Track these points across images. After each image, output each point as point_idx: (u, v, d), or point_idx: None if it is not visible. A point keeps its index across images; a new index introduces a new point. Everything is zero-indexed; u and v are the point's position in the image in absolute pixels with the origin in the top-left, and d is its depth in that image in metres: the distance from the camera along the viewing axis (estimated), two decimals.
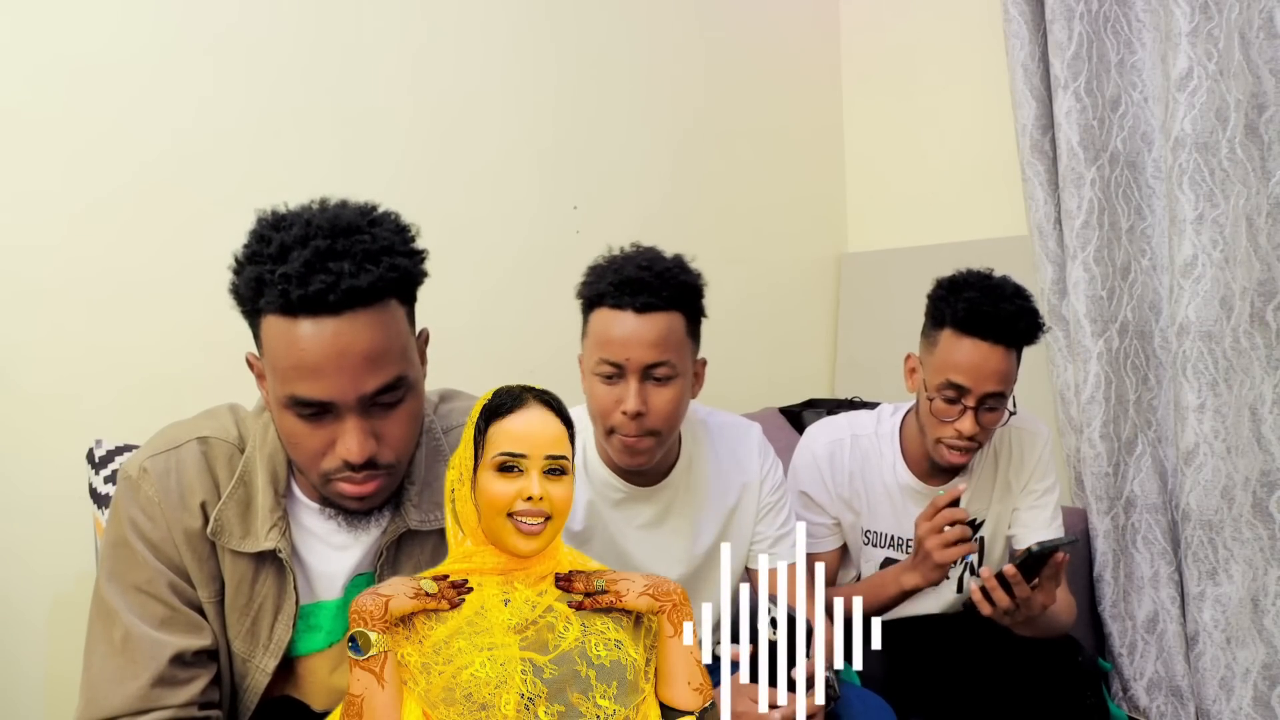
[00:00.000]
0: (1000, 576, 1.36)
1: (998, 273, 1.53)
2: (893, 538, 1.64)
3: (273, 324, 0.93)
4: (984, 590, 1.37)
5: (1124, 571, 2.11)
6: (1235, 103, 1.85)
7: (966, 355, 1.45)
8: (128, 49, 1.65)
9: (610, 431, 1.29)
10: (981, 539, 1.65)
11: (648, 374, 1.25)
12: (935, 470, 1.61)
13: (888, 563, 1.65)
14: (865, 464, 1.63)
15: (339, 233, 0.93)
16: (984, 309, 1.45)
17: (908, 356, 1.59)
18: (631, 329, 1.24)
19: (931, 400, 1.49)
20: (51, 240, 1.57)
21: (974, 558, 1.66)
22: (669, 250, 1.34)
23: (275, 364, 0.95)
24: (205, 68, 1.73)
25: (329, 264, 0.91)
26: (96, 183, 1.61)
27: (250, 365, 1.03)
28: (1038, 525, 1.60)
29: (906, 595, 1.49)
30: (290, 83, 1.83)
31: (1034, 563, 1.35)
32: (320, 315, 0.91)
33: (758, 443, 1.47)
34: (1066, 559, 1.38)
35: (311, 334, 0.92)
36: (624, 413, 1.25)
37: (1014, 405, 1.52)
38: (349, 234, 0.93)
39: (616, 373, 1.26)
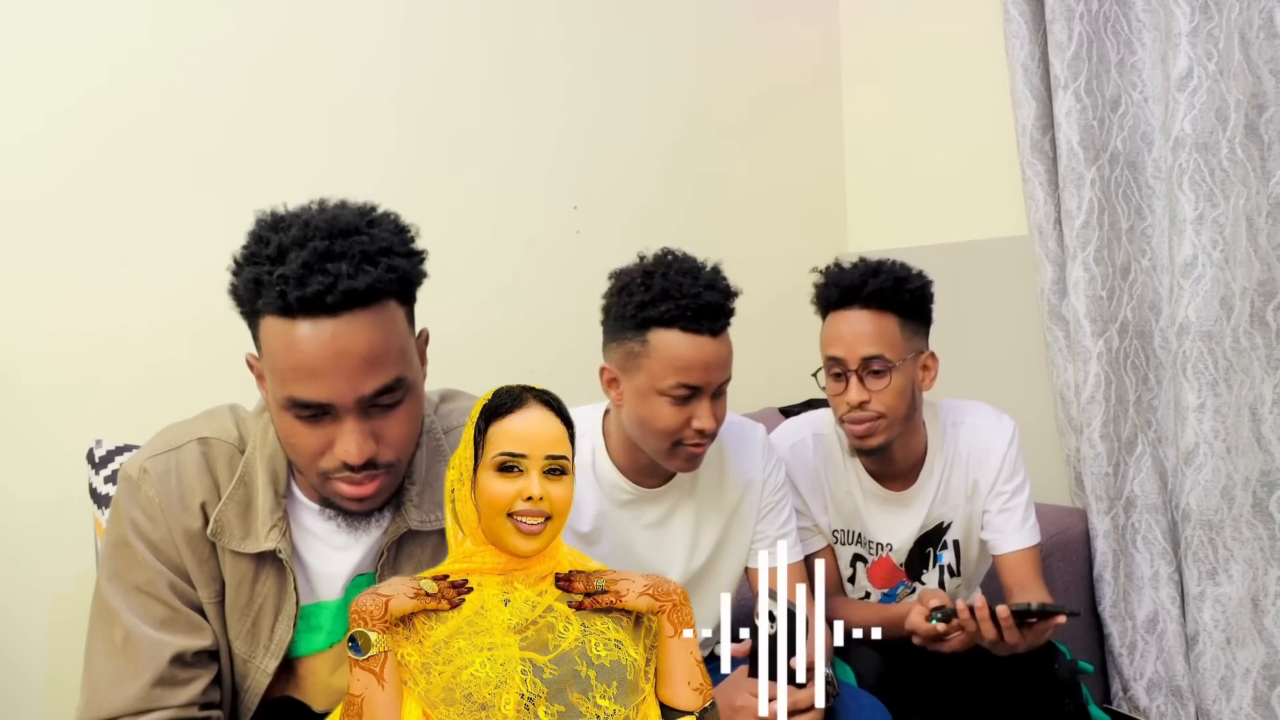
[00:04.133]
0: (994, 613, 1.32)
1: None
2: (858, 535, 1.64)
3: (271, 325, 0.93)
4: (972, 610, 1.32)
5: (1124, 571, 2.11)
6: (1235, 103, 1.85)
7: (834, 328, 1.51)
8: (126, 50, 1.65)
9: (676, 444, 1.30)
10: (956, 541, 1.63)
11: (717, 391, 1.30)
12: (891, 473, 1.59)
13: (856, 560, 1.65)
14: (828, 462, 1.63)
15: (337, 234, 0.93)
16: (833, 279, 1.51)
17: None
18: (712, 353, 1.27)
19: (827, 384, 1.53)
20: (52, 239, 1.57)
21: (951, 560, 1.64)
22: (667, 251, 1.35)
23: (274, 365, 0.95)
24: (204, 67, 1.73)
25: (327, 265, 0.90)
26: (96, 182, 1.62)
27: (250, 366, 1.03)
28: (1010, 530, 1.56)
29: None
30: (290, 83, 1.83)
31: (1029, 617, 1.32)
32: (318, 316, 0.91)
33: (761, 443, 1.48)
34: (1061, 622, 1.34)
35: (309, 335, 0.91)
36: (698, 430, 1.28)
37: (916, 370, 1.51)
38: (347, 235, 0.93)
39: (691, 394, 1.28)
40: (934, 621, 1.35)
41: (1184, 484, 1.95)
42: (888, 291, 1.47)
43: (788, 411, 2.51)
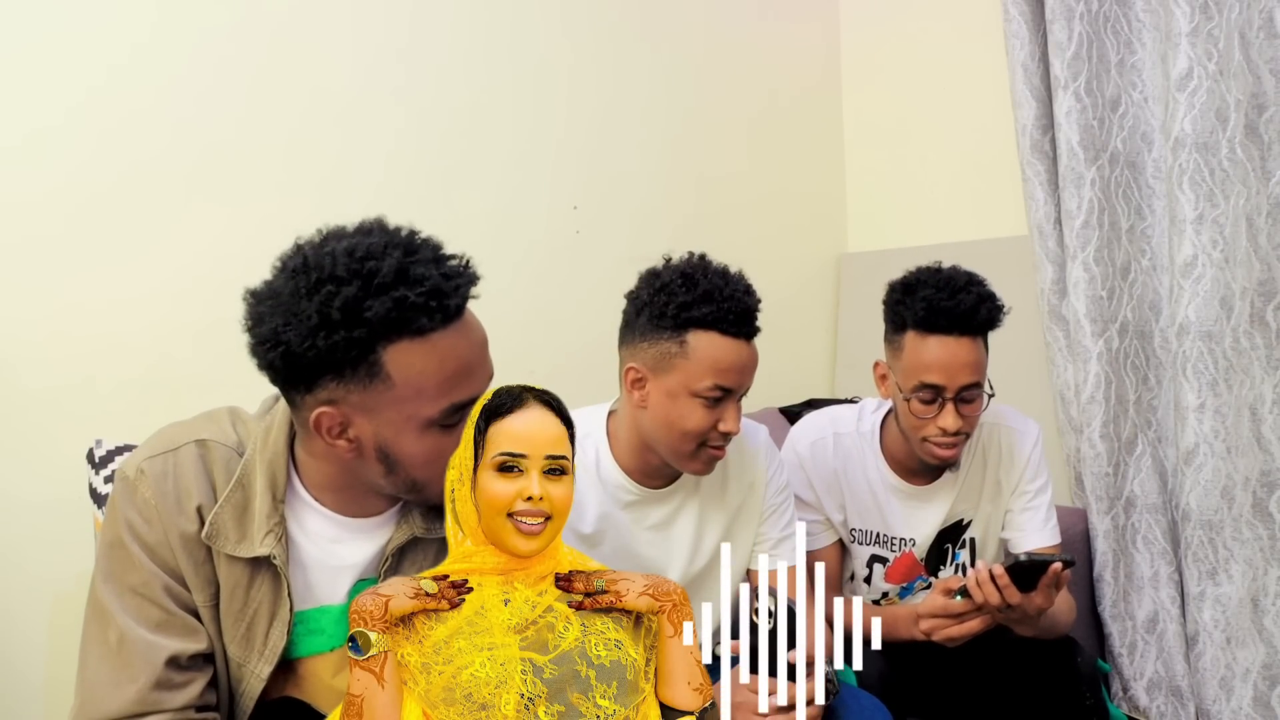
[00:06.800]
0: (992, 574, 1.36)
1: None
2: (878, 535, 1.64)
3: (406, 350, 0.95)
4: (978, 580, 1.37)
5: (1124, 571, 2.11)
6: (1235, 103, 1.85)
7: (934, 354, 1.45)
8: (126, 51, 1.64)
9: (700, 446, 1.31)
10: (973, 539, 1.64)
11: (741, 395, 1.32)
12: (917, 469, 1.60)
13: (874, 560, 1.65)
14: (848, 462, 1.63)
15: (419, 245, 0.97)
16: (943, 304, 1.44)
17: (876, 364, 1.57)
18: (748, 357, 1.30)
19: (909, 402, 1.48)
20: (52, 241, 1.57)
21: (967, 558, 1.65)
22: (672, 253, 1.36)
23: (421, 385, 0.96)
24: (205, 68, 1.73)
25: (445, 270, 0.96)
26: (96, 183, 1.61)
27: (316, 425, 0.98)
28: (1032, 529, 1.59)
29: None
30: (290, 84, 1.83)
31: (1024, 571, 1.34)
32: (454, 321, 0.97)
33: (765, 444, 1.48)
34: (1067, 574, 1.36)
35: (456, 339, 0.97)
36: (723, 432, 1.30)
37: (990, 387, 1.51)
38: (426, 246, 0.98)
39: (723, 396, 1.28)
40: (958, 599, 1.39)
41: (1184, 484, 1.95)
42: (986, 321, 1.46)
43: (788, 412, 2.51)
